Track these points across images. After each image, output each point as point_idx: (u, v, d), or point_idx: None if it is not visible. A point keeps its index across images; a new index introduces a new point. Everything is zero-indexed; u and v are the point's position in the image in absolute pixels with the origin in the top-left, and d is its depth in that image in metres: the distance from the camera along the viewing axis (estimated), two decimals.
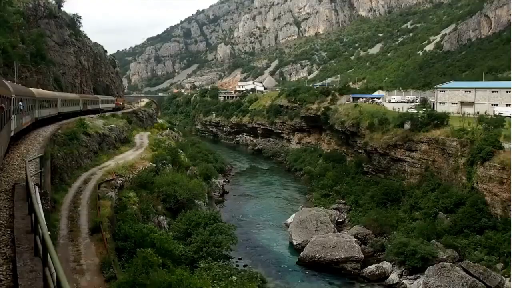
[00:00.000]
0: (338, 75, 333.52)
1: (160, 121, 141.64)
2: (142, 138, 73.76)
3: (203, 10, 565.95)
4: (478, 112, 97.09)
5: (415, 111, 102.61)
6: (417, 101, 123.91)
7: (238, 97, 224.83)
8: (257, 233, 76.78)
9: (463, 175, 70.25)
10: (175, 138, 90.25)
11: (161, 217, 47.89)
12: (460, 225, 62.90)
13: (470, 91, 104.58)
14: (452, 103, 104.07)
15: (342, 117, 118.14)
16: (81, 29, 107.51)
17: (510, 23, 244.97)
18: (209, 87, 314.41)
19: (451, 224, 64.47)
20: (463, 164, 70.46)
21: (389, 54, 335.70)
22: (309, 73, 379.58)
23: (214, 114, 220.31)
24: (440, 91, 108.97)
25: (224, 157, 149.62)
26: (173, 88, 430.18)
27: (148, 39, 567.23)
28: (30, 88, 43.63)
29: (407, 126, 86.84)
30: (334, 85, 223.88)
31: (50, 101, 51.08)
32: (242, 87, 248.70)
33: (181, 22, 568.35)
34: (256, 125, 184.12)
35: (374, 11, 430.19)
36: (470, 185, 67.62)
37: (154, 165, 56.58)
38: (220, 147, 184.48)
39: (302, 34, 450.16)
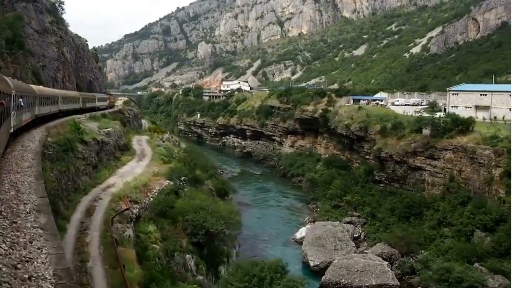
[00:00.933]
0: (323, 76, 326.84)
1: (144, 121, 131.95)
2: (141, 144, 64.22)
3: (183, 8, 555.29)
4: (495, 117, 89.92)
5: (428, 115, 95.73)
6: (422, 104, 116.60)
7: (224, 97, 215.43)
8: (265, 250, 68.13)
9: (499, 187, 62.61)
10: (176, 144, 79.58)
11: (187, 255, 37.81)
12: (505, 246, 55.02)
13: (485, 95, 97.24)
14: (466, 107, 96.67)
15: (345, 120, 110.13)
16: (63, 16, 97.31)
17: (498, 26, 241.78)
18: (192, 86, 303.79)
19: (494, 245, 56.60)
20: (499, 175, 62.79)
21: (374, 56, 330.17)
22: (293, 74, 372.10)
23: (198, 115, 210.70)
24: (453, 94, 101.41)
25: (212, 160, 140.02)
26: (151, 87, 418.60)
27: (126, 36, 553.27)
28: (31, 85, 43.23)
29: (426, 131, 79.10)
30: (322, 86, 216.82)
31: (50, 98, 49.74)
32: (228, 87, 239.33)
33: (160, 19, 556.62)
34: (245, 127, 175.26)
35: (358, 12, 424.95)
36: (510, 199, 59.86)
37: (172, 183, 45.81)
38: (205, 149, 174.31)
39: (285, 34, 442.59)
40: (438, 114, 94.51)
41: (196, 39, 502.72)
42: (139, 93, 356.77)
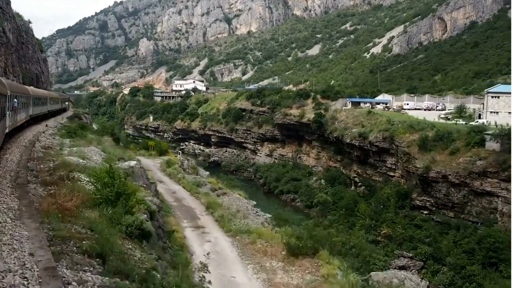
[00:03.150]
0: (276, 77, 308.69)
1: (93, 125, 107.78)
2: (160, 179, 40.18)
3: (121, 2, 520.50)
4: None
5: (463, 122, 78.35)
6: (437, 108, 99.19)
7: (180, 98, 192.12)
8: None
9: None
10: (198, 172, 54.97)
11: None
12: None
13: None
14: (510, 112, 79.47)
15: (351, 126, 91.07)
16: None
17: (467, 26, 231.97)
18: (138, 85, 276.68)
19: None
20: None
21: (330, 56, 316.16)
22: (244, 74, 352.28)
23: (151, 117, 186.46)
24: (492, 97, 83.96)
25: None
26: (88, 86, 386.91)
27: (58, 31, 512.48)
28: (25, 86, 44.57)
29: (491, 144, 60.76)
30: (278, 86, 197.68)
31: (41, 99, 50.27)
32: (181, 86, 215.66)
33: (97, 13, 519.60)
34: (210, 132, 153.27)
35: (310, 10, 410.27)
36: None
37: None
38: None
39: (233, 32, 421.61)
40: (480, 121, 77.02)
41: (136, 35, 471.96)
42: (76, 92, 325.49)
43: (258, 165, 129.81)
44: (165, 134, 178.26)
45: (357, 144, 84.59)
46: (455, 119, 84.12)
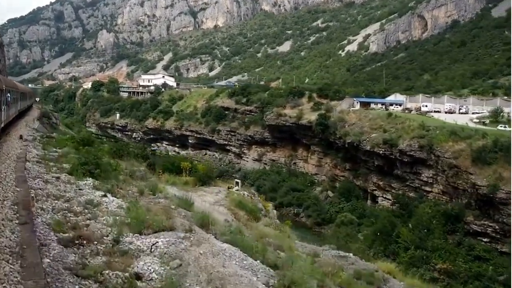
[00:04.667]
0: (245, 73, 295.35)
1: (62, 128, 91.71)
2: None
3: None
4: None
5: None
6: (460, 111, 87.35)
7: (149, 94, 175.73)
8: None
9: None
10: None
11: None
12: None
13: None
14: None
15: (368, 131, 78.28)
16: None
17: (448, 25, 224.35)
18: (98, 78, 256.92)
19: None
20: None
21: (302, 53, 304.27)
22: (211, 70, 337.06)
23: (118, 115, 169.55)
24: None
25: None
26: (43, 79, 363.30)
27: (9, 21, 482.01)
28: (13, 81, 44.82)
29: None
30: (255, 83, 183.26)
31: (25, 94, 50.43)
32: (149, 81, 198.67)
33: (52, 3, 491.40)
34: (188, 133, 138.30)
35: (279, 6, 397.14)
36: None
37: None
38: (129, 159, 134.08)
39: (199, 26, 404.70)
40: None
41: (95, 27, 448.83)
42: (30, 86, 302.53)
43: (245, 170, 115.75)
44: (134, 133, 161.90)
45: (381, 152, 71.61)
46: (503, 125, 72.01)
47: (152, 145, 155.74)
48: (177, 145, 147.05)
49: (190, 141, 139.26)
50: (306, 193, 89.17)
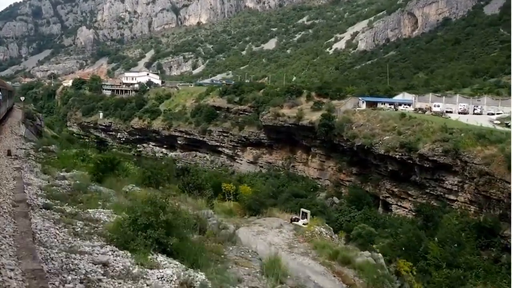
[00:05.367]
0: (230, 71, 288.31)
1: (47, 130, 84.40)
2: None
3: None
4: None
5: None
6: (475, 111, 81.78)
7: (134, 92, 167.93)
8: None
9: None
10: None
11: None
12: None
13: None
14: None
15: (379, 133, 72.54)
16: None
17: (439, 22, 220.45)
18: (80, 76, 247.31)
19: None
20: None
21: (288, 51, 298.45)
22: (194, 67, 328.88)
23: (101, 114, 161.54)
24: None
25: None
26: (20, 77, 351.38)
27: None
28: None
29: None
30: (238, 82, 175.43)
31: (12, 92, 51.33)
32: (133, 79, 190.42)
33: None
34: (177, 133, 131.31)
35: (263, 3, 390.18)
36: None
37: None
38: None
39: (181, 23, 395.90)
40: None
41: (74, 23, 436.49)
42: (8, 84, 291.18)
43: (240, 174, 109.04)
44: (119, 133, 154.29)
45: (397, 157, 65.72)
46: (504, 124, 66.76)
47: (138, 146, 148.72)
48: (165, 146, 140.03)
49: (179, 142, 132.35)
50: (309, 200, 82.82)
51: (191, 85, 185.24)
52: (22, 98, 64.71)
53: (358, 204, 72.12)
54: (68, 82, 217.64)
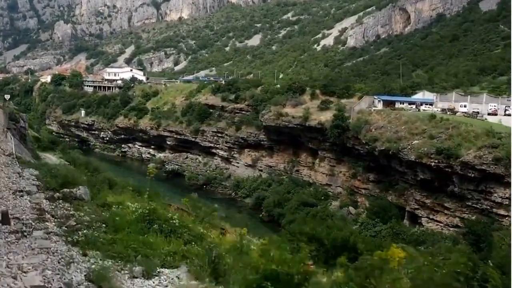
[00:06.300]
0: (213, 68, 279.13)
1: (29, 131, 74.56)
2: None
3: None
4: None
5: None
6: (507, 112, 73.97)
7: (118, 89, 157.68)
8: None
9: None
10: None
11: None
12: None
13: None
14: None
15: (405, 136, 64.65)
16: None
17: (433, 19, 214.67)
18: (59, 71, 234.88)
19: None
20: None
21: (274, 47, 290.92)
22: (176, 64, 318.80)
23: (83, 112, 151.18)
24: None
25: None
26: None
27: None
28: None
29: None
30: (223, 79, 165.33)
31: None
32: (116, 75, 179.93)
33: None
34: (166, 133, 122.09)
35: None
36: None
37: None
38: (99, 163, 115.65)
39: (162, 18, 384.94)
40: None
41: (51, 18, 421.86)
42: None
43: (237, 178, 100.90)
44: (102, 133, 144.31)
45: (432, 164, 57.69)
46: None
47: (123, 146, 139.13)
48: (152, 146, 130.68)
49: (168, 142, 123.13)
50: (322, 210, 74.87)
51: (176, 81, 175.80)
52: (7, 97, 54.91)
53: (383, 217, 64.11)
54: (47, 78, 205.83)
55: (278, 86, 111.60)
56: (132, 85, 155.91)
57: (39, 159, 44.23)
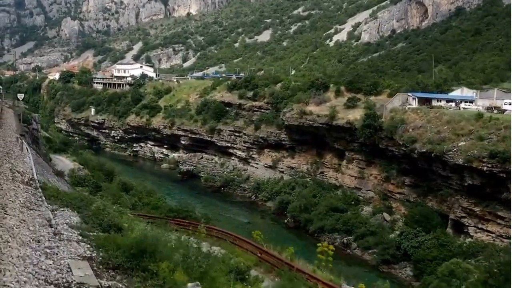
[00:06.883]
0: (223, 65, 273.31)
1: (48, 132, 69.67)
2: None
3: None
4: None
5: None
6: None
7: (128, 86, 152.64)
8: None
9: None
10: None
11: None
12: None
13: None
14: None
15: (450, 137, 59.07)
16: None
17: (451, 12, 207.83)
18: (67, 68, 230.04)
19: None
20: None
21: (284, 43, 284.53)
22: (185, 60, 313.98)
23: (93, 110, 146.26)
24: None
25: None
26: (2, 69, 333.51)
27: None
28: None
29: None
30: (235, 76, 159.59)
31: None
32: (125, 72, 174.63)
33: None
34: (180, 132, 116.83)
35: None
36: None
37: None
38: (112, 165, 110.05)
39: (170, 14, 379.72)
40: None
41: (58, 15, 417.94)
42: None
43: (257, 180, 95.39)
44: (113, 131, 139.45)
45: (485, 168, 52.09)
46: None
47: (135, 145, 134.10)
48: (165, 146, 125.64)
49: (182, 142, 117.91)
50: (353, 216, 69.43)
51: (188, 78, 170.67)
52: (21, 96, 49.63)
53: (426, 226, 58.54)
54: (55, 75, 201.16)
55: (299, 82, 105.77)
56: (143, 82, 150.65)
57: (52, 166, 38.93)
